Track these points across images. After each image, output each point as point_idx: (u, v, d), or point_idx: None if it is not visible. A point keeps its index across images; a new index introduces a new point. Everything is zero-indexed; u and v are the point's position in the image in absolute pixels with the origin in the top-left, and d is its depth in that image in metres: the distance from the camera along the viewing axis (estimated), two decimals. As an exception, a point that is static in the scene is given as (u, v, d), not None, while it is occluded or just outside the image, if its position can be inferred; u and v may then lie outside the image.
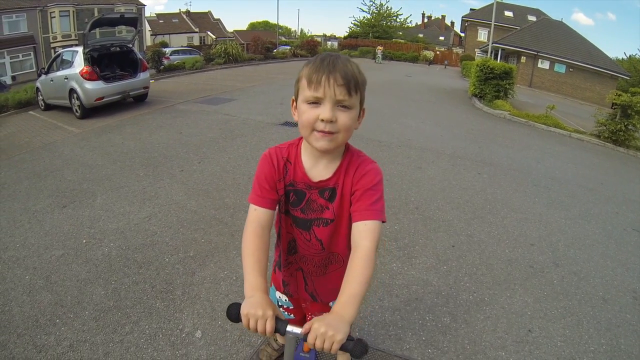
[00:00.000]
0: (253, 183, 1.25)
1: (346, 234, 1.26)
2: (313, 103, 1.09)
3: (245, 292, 1.04)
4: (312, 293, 1.45)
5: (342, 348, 0.93)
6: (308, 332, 0.94)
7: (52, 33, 29.48)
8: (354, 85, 1.08)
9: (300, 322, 1.01)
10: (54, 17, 29.38)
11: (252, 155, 5.58)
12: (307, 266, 1.38)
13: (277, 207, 1.27)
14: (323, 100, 1.07)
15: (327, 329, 0.91)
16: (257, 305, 0.98)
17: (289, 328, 0.99)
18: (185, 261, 3.05)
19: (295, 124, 7.19)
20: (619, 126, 9.16)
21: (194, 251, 3.19)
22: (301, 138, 1.24)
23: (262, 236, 1.16)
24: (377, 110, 9.22)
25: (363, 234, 1.11)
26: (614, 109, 9.56)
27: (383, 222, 1.15)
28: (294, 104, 1.18)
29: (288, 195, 1.26)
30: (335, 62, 1.08)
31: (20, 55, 27.94)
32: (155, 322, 2.40)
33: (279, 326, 0.99)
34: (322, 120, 1.07)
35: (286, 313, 1.57)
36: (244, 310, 0.98)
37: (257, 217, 1.19)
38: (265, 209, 1.20)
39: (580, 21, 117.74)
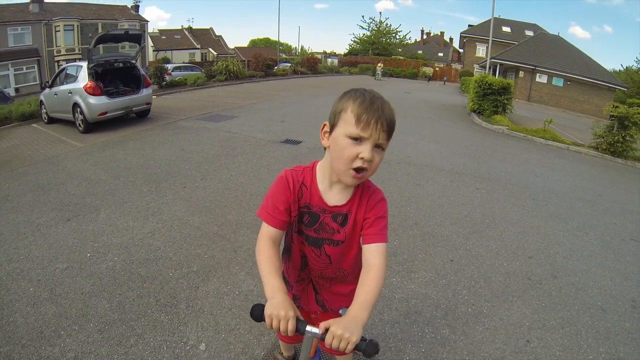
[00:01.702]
0: (265, 199, 1.32)
1: (355, 254, 1.39)
2: (355, 139, 1.15)
3: (267, 294, 1.12)
4: (323, 303, 1.53)
5: (356, 348, 1.02)
6: (325, 332, 1.04)
7: (56, 47, 29.95)
8: (393, 129, 1.19)
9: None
10: (59, 31, 29.91)
11: (254, 172, 5.65)
12: (316, 278, 1.48)
13: (289, 227, 1.36)
14: (367, 140, 1.15)
15: (343, 331, 1.02)
16: (280, 306, 1.07)
17: (308, 328, 1.09)
18: (188, 276, 3.10)
19: (296, 142, 7.31)
20: (616, 137, 9.24)
21: (197, 266, 3.24)
22: (315, 162, 1.34)
23: (274, 247, 1.27)
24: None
25: (375, 254, 1.24)
26: (612, 120, 9.65)
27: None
28: (325, 127, 1.24)
29: (302, 217, 1.34)
30: (383, 107, 1.16)
31: (24, 67, 28.35)
32: (159, 335, 2.43)
33: (299, 326, 1.08)
34: (362, 159, 1.15)
35: None
36: (267, 311, 1.07)
37: (268, 233, 1.28)
38: (276, 229, 1.29)
39: (577, 34, 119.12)
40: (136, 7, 36.29)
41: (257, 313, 1.10)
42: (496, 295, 3.04)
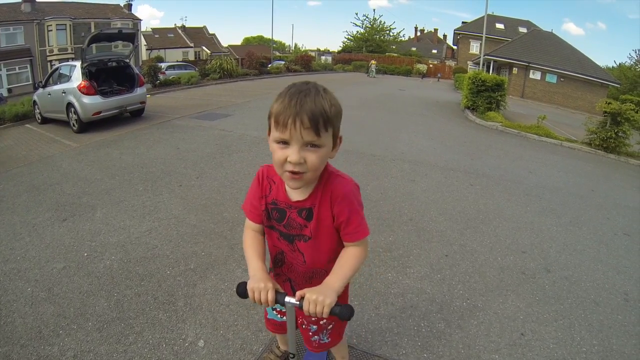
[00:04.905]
0: (247, 193, 1.43)
1: (326, 250, 1.36)
2: (282, 143, 1.11)
3: (249, 273, 1.25)
4: None
5: (332, 312, 1.10)
6: (302, 300, 1.13)
7: (48, 46, 29.72)
8: (324, 124, 1.08)
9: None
10: (51, 30, 29.67)
11: (249, 170, 5.66)
12: (293, 275, 1.48)
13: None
14: (290, 141, 1.09)
15: (317, 295, 1.11)
16: (260, 280, 1.20)
17: (287, 299, 1.20)
18: (186, 273, 3.11)
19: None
20: (609, 133, 9.37)
21: (194, 264, 3.25)
22: None
23: (257, 235, 1.41)
24: (370, 124, 9.36)
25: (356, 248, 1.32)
26: (605, 116, 9.75)
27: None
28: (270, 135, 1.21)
29: (270, 212, 1.37)
30: (303, 102, 1.06)
31: (17, 67, 28.13)
32: (158, 332, 2.45)
33: (279, 298, 1.19)
34: (290, 162, 1.10)
35: (279, 316, 1.69)
36: (249, 285, 1.19)
37: (250, 225, 1.43)
38: (255, 223, 1.41)
39: (570, 31, 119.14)
40: (129, 6, 36.05)
41: (241, 289, 1.22)
42: (490, 289, 3.08)
